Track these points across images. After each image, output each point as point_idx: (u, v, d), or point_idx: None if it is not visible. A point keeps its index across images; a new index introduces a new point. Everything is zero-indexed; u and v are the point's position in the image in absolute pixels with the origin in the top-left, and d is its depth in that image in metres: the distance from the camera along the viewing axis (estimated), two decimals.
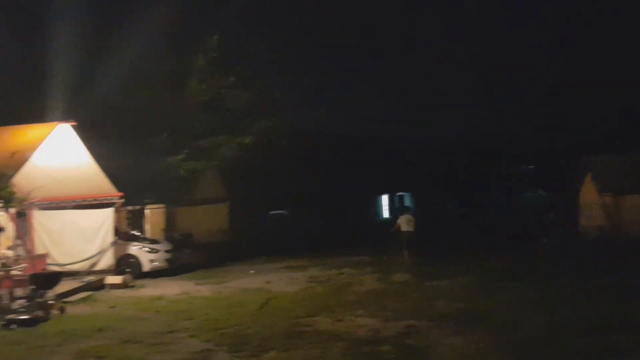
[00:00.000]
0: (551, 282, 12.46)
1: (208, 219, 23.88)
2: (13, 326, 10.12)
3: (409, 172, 34.88)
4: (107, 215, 15.91)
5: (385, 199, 40.00)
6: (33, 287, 11.73)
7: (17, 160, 12.58)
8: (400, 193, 39.56)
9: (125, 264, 16.05)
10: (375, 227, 28.89)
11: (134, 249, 16.55)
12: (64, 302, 12.08)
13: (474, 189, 34.55)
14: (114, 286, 14.45)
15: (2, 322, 10.26)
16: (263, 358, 7.66)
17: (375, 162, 33.98)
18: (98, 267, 15.59)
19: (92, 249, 15.67)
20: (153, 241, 17.64)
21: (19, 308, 11.27)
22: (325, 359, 7.51)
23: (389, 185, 37.06)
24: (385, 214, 39.32)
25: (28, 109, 18.71)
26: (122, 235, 16.50)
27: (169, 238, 19.63)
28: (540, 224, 22.23)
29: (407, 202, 38.25)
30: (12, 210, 12.85)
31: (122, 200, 16.56)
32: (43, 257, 14.78)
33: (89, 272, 15.37)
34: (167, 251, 17.18)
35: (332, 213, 28.66)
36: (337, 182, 30.69)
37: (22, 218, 15.92)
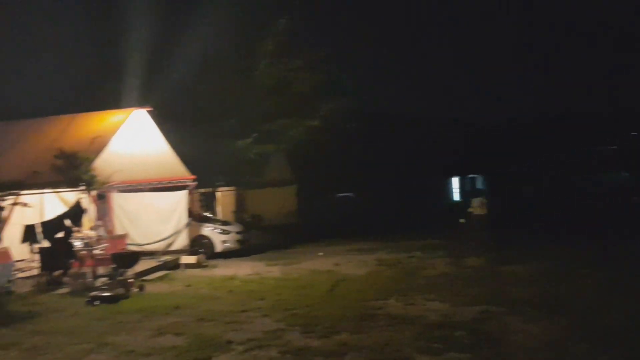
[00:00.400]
0: (634, 268, 11.78)
1: (277, 201, 24.21)
2: (96, 302, 10.64)
3: (481, 153, 33.79)
4: (181, 198, 16.43)
5: (455, 181, 39.12)
6: (114, 265, 12.31)
7: (98, 145, 13.11)
8: (472, 175, 38.50)
9: (198, 245, 16.56)
10: (445, 210, 28.35)
11: (207, 230, 17.03)
12: (143, 280, 12.61)
13: (551, 171, 32.89)
14: (188, 266, 14.92)
15: (86, 299, 10.81)
16: (334, 339, 7.67)
17: (446, 143, 33.17)
18: (173, 247, 16.17)
19: (168, 230, 16.25)
20: (224, 223, 18.08)
21: (102, 285, 11.85)
22: (397, 343, 7.42)
23: (460, 167, 36.14)
24: (456, 196, 38.49)
25: (106, 95, 19.51)
26: (195, 217, 17.00)
27: (239, 220, 20.08)
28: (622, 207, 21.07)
29: (479, 184, 37.20)
30: (93, 193, 13.44)
31: (195, 183, 17.03)
32: (123, 237, 15.43)
33: (165, 252, 15.96)
34: (238, 232, 17.57)
35: (401, 195, 28.24)
36: (406, 164, 30.24)
37: (102, 200, 16.70)
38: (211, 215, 18.72)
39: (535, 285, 10.68)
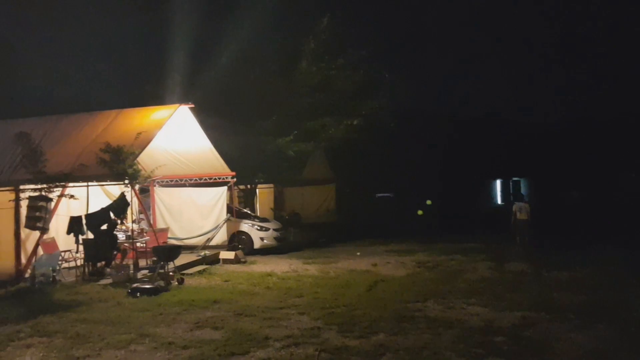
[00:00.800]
0: None
1: (315, 200, 24.21)
2: (137, 294, 10.83)
3: (525, 156, 32.93)
4: (221, 193, 16.64)
5: (498, 185, 38.44)
6: (155, 258, 12.53)
7: (142, 140, 13.30)
8: (516, 178, 37.69)
9: (237, 241, 16.71)
10: (487, 214, 27.85)
11: (246, 226, 17.16)
12: (183, 274, 12.77)
13: (603, 175, 31.53)
14: (226, 261, 15.07)
15: (128, 290, 11.01)
16: (372, 340, 7.60)
17: (489, 145, 32.52)
18: (213, 242, 16.38)
19: (208, 225, 16.49)
20: (263, 220, 18.19)
21: (143, 278, 12.08)
22: (436, 346, 7.30)
23: (503, 169, 35.39)
24: (499, 200, 37.82)
25: (151, 91, 19.88)
26: (234, 213, 17.16)
27: (277, 217, 20.16)
28: None
29: (523, 188, 36.39)
30: (137, 187, 13.69)
31: (235, 180, 17.19)
32: (164, 231, 15.70)
33: (204, 247, 16.17)
34: (276, 230, 17.65)
35: (442, 198, 27.82)
36: (447, 165, 29.80)
37: (145, 194, 17.04)
38: (250, 212, 18.86)
39: (580, 293, 10.36)
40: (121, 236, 14.05)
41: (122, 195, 13.48)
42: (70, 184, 13.19)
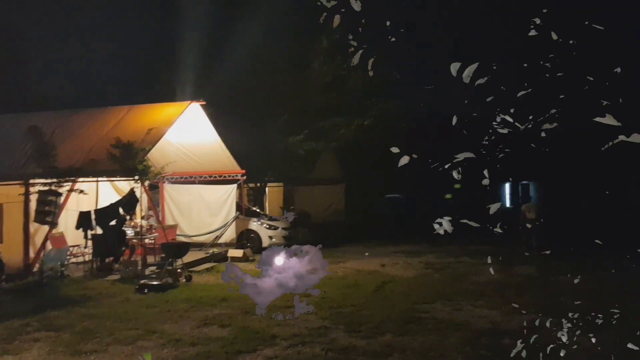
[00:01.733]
0: None
1: (324, 199, 24.16)
2: (145, 290, 10.87)
3: (535, 159, 32.64)
4: (231, 191, 16.67)
5: (507, 188, 38.21)
6: (163, 255, 12.56)
7: (153, 137, 13.30)
8: (525, 182, 37.45)
9: (246, 239, 16.73)
10: (496, 216, 27.64)
11: (254, 224, 17.17)
12: (191, 271, 12.80)
13: (613, 180, 31.23)
14: (235, 259, 15.07)
15: (136, 286, 11.05)
16: (379, 340, 7.58)
17: (498, 147, 32.26)
18: (221, 240, 16.40)
19: (217, 223, 16.52)
20: (272, 218, 18.18)
21: (151, 274, 12.12)
22: (443, 347, 7.27)
23: (512, 172, 35.14)
24: (507, 203, 37.56)
25: (162, 88, 19.95)
26: (243, 211, 17.18)
27: (286, 216, 20.15)
28: None
29: (532, 191, 36.19)
30: (147, 183, 13.72)
31: (244, 177, 17.20)
32: (173, 227, 15.73)
33: (213, 244, 16.20)
34: (284, 229, 17.64)
35: (450, 199, 27.68)
36: (456, 166, 29.60)
37: (154, 191, 17.08)
38: (259, 211, 18.86)
39: (591, 298, 10.20)
40: (130, 232, 14.10)
41: (132, 191, 13.53)
42: (80, 179, 13.25)
